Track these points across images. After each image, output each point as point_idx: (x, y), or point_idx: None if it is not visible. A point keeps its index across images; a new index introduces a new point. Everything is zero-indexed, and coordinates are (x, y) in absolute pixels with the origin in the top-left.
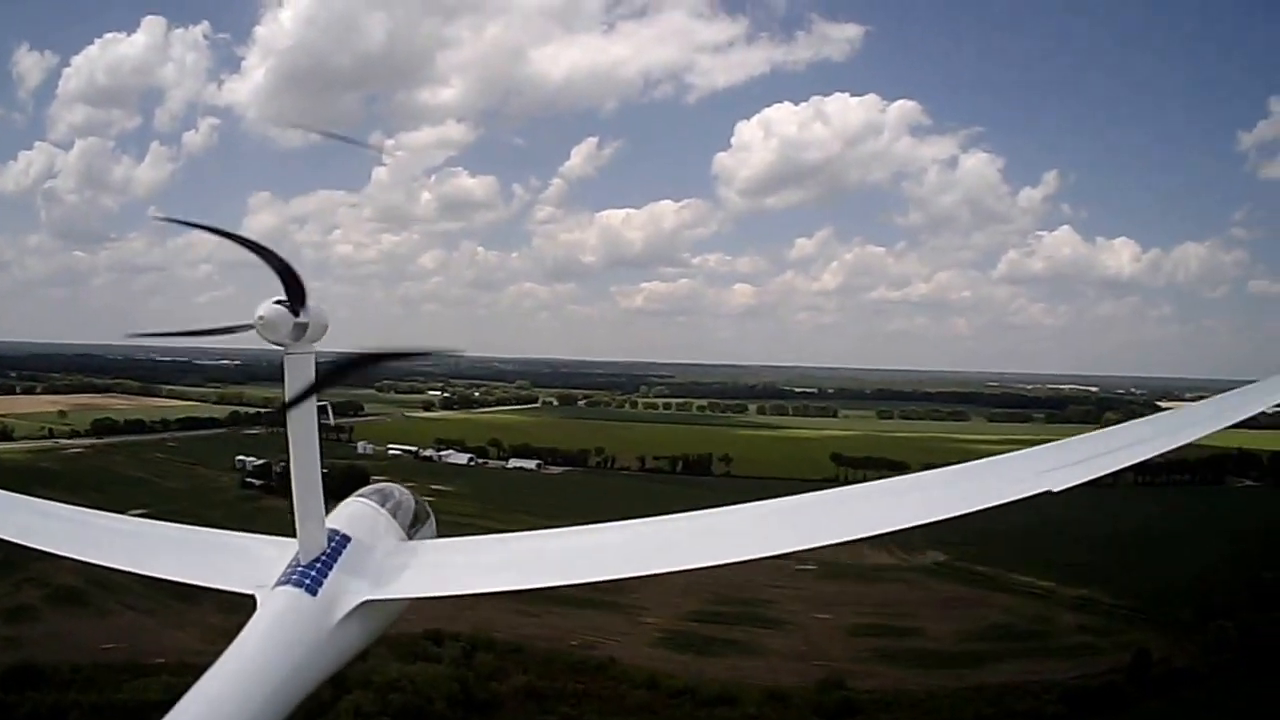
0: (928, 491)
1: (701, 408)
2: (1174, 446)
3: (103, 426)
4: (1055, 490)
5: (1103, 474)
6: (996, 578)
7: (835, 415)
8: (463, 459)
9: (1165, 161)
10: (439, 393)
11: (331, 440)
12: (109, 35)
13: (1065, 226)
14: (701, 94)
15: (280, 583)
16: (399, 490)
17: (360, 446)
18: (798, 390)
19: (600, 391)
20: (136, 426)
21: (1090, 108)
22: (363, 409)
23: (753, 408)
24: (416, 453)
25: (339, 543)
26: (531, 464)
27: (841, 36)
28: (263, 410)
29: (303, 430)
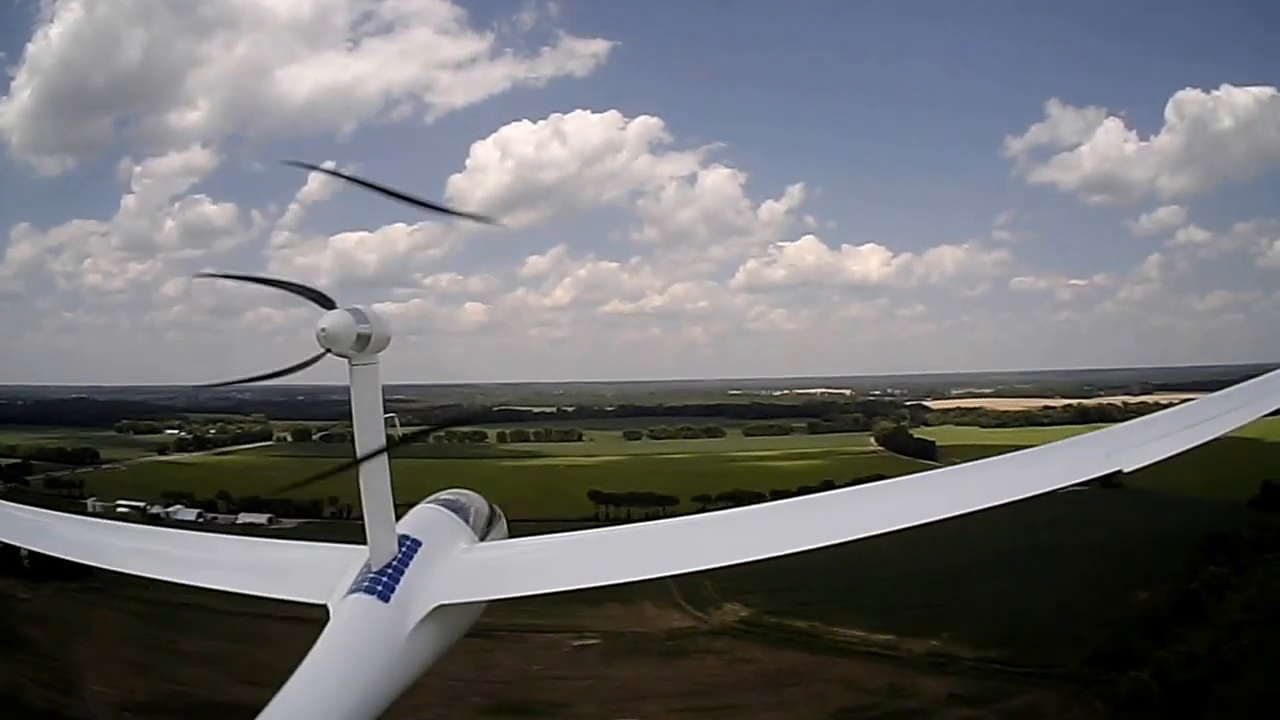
0: (987, 476)
1: (439, 438)
2: (1255, 418)
3: None
4: (1127, 470)
5: (1177, 451)
6: (821, 636)
7: (580, 439)
8: (191, 514)
9: (921, 172)
10: (175, 431)
11: (62, 498)
12: None
13: (809, 236)
14: (439, 114)
15: (352, 591)
16: (469, 494)
17: (90, 504)
18: (535, 411)
19: (338, 422)
20: None
21: (839, 122)
22: (99, 456)
23: (492, 434)
24: (144, 509)
25: (410, 548)
26: (262, 518)
27: (587, 52)
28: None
29: (371, 436)
